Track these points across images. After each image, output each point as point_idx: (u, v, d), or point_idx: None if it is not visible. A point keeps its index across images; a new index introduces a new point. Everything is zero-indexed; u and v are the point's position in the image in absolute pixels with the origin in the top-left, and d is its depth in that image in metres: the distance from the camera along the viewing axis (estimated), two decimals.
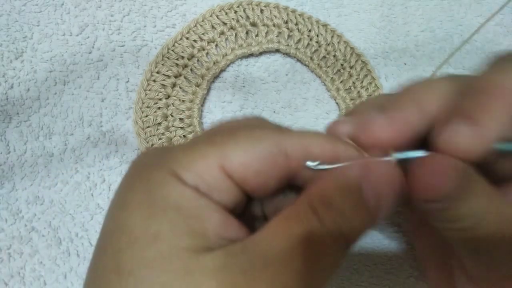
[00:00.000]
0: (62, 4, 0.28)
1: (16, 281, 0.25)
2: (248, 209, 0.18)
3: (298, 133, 0.16)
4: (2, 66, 0.26)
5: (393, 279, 0.28)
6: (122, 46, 0.28)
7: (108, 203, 0.27)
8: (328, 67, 0.30)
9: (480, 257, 0.17)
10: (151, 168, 0.15)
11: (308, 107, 0.30)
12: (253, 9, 0.29)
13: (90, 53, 0.27)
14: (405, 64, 0.32)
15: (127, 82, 0.28)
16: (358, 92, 0.30)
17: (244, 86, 0.29)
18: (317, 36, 0.31)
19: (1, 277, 0.25)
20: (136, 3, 0.28)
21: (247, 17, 0.29)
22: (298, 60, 0.30)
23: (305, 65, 0.30)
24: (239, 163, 0.15)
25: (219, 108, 0.29)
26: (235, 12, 0.29)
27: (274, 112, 0.29)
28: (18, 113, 0.26)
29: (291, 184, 0.17)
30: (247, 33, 0.29)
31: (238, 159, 0.15)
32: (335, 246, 0.15)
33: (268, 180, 0.16)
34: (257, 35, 0.29)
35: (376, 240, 0.29)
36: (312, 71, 0.30)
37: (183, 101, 0.28)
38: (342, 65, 0.30)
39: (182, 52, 0.28)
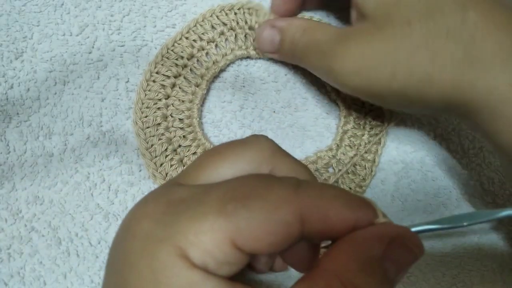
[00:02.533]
0: (62, 4, 0.28)
1: (16, 281, 0.25)
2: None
3: (317, 194, 0.15)
4: (2, 66, 0.26)
5: None
6: (122, 46, 0.28)
7: (107, 203, 0.27)
8: None
9: None
10: (155, 241, 0.14)
11: (308, 107, 0.30)
12: (251, 13, 0.29)
13: (90, 53, 0.27)
14: None
15: (127, 82, 0.28)
16: None
17: (244, 86, 0.29)
18: None
19: (1, 277, 0.25)
20: (136, 3, 0.28)
21: (246, 22, 0.29)
22: None
23: None
24: (252, 238, 0.14)
25: (219, 108, 0.29)
26: (235, 14, 0.29)
27: (274, 112, 0.29)
28: (18, 113, 0.26)
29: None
30: (245, 36, 0.29)
31: (252, 233, 0.14)
32: None
33: (280, 247, 0.15)
34: (254, 40, 0.29)
35: None
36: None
37: (183, 101, 0.28)
38: None
39: (182, 52, 0.28)
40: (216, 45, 0.29)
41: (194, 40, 0.28)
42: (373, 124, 0.29)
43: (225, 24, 0.29)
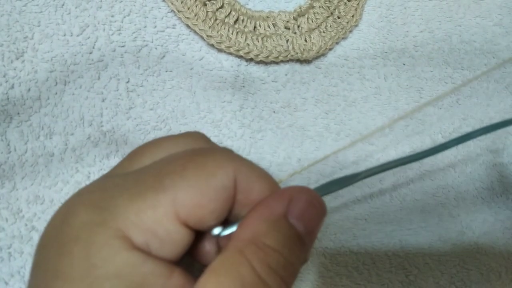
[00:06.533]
0: (63, 5, 0.28)
1: (16, 280, 0.25)
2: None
3: (248, 163, 0.15)
4: (3, 66, 0.27)
5: (392, 277, 0.29)
6: (123, 46, 0.28)
7: None
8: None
9: None
10: (92, 226, 0.13)
11: (307, 107, 0.30)
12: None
13: (90, 53, 0.28)
14: (404, 64, 0.32)
15: (128, 82, 0.28)
16: None
17: (244, 86, 0.29)
18: None
19: (1, 276, 0.25)
20: (137, 4, 0.28)
21: None
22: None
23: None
24: (194, 206, 0.14)
25: (219, 108, 0.29)
26: None
27: (274, 112, 0.29)
28: (18, 113, 0.27)
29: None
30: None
31: (193, 202, 0.14)
32: None
33: (222, 214, 0.15)
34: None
35: (375, 238, 0.29)
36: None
37: None
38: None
39: None
40: None
41: None
42: None
43: None
